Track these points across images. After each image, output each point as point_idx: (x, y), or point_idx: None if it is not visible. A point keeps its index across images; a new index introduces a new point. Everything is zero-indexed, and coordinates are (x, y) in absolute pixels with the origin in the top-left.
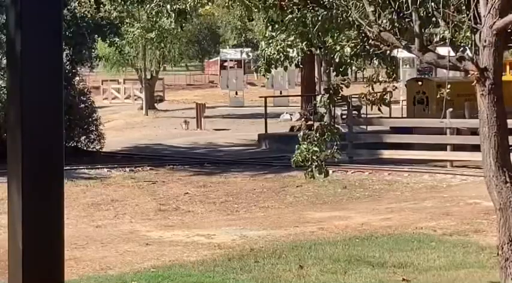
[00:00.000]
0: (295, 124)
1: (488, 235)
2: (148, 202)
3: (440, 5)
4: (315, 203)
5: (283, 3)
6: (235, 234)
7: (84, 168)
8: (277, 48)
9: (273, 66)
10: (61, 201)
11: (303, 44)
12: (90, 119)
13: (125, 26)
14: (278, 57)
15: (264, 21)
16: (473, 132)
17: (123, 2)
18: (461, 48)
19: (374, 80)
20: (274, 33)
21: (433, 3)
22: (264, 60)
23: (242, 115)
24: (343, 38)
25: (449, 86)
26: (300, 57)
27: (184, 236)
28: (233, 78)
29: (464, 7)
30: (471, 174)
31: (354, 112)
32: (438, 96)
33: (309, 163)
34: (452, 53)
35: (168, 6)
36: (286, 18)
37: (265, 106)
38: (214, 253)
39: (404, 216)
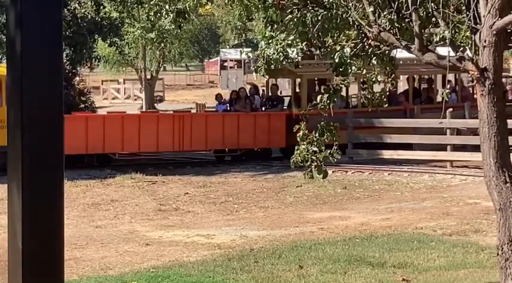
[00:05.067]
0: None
1: (488, 235)
2: (148, 203)
3: (440, 5)
4: (315, 203)
5: (282, 2)
6: (235, 234)
7: (83, 168)
8: (276, 48)
9: (272, 66)
10: (61, 201)
11: (303, 44)
12: None
13: (125, 26)
14: (278, 57)
15: (263, 21)
16: (474, 132)
17: (123, 3)
18: (461, 48)
19: (373, 80)
20: (273, 33)
21: (433, 4)
22: (263, 60)
23: None
24: (343, 38)
25: None
26: (299, 57)
27: (184, 236)
28: (233, 78)
29: (464, 7)
30: (471, 174)
31: None
32: None
33: (308, 163)
34: (452, 53)
35: (167, 7)
36: (286, 18)
37: None
38: (214, 253)
39: (404, 216)
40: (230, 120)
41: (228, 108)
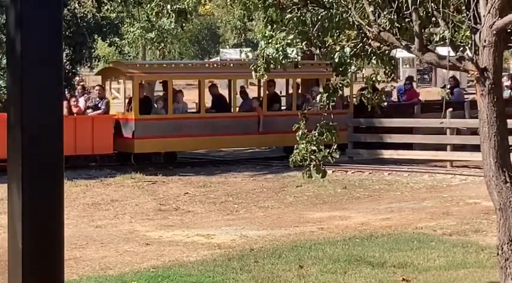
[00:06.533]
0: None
1: (488, 235)
2: (148, 202)
3: (440, 5)
4: (315, 203)
5: (281, 1)
6: (235, 234)
7: (83, 168)
8: (276, 47)
9: (272, 65)
10: (61, 201)
11: (303, 44)
12: None
13: (125, 26)
14: (277, 56)
15: (263, 21)
16: (473, 132)
17: (123, 3)
18: (461, 48)
19: (373, 79)
20: (273, 33)
21: (433, 3)
22: (263, 59)
23: None
24: (343, 37)
25: None
26: (299, 57)
27: (184, 236)
28: None
29: (464, 7)
30: (471, 174)
31: None
32: None
33: (307, 162)
34: (452, 53)
35: (169, 6)
36: (286, 18)
37: None
38: (214, 253)
39: (404, 216)
40: None
41: None
